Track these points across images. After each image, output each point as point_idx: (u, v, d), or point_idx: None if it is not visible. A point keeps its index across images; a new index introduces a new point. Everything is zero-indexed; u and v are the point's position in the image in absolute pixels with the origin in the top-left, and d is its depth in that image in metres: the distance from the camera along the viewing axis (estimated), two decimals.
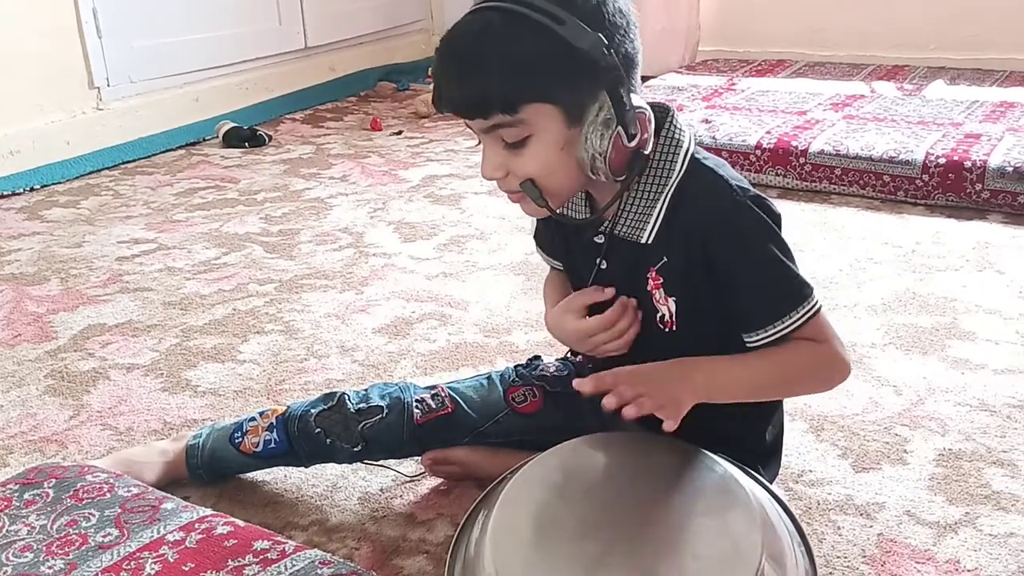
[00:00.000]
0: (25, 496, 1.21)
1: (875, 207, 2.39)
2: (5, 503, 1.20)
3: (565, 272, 1.22)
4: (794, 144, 2.54)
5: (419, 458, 1.30)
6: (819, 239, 2.19)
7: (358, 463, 1.31)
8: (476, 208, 2.49)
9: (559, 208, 1.06)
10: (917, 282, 1.93)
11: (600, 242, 1.09)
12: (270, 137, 3.24)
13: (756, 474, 1.06)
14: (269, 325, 1.84)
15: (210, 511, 1.18)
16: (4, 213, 2.57)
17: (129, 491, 1.21)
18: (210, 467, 1.31)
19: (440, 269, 2.09)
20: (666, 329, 1.07)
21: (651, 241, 1.04)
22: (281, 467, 1.34)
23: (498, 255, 2.15)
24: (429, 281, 2.03)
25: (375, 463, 1.32)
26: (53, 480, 1.23)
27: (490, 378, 1.30)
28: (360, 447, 1.23)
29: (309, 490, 1.32)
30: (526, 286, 1.97)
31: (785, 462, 1.27)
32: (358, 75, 3.96)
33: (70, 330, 1.84)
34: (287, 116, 3.57)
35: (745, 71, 3.60)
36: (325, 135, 3.33)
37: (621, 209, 1.05)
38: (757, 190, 1.05)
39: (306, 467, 1.33)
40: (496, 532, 0.93)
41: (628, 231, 1.05)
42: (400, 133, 3.31)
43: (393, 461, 1.33)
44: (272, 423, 1.27)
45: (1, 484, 1.25)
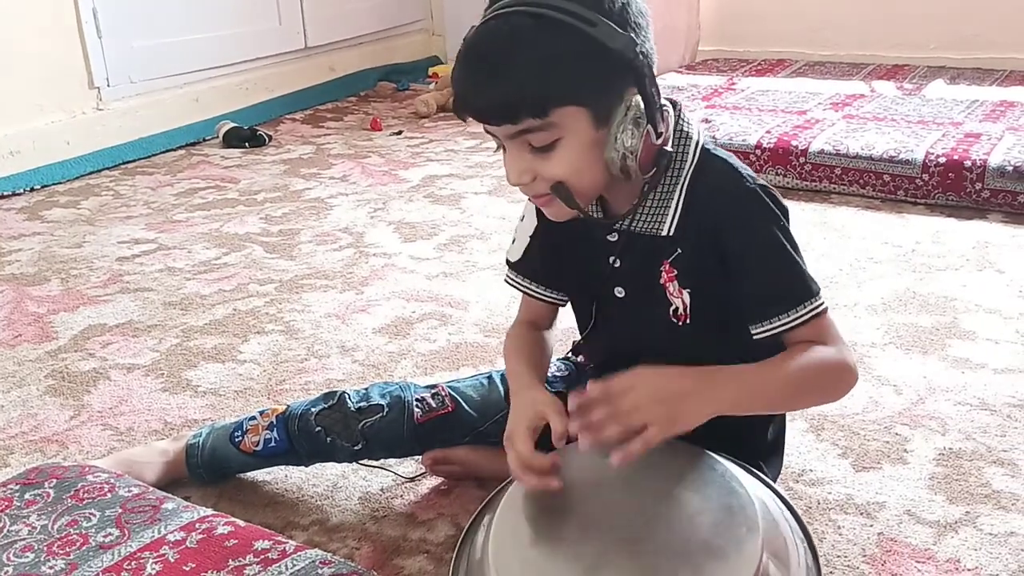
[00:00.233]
0: (26, 496, 1.21)
1: (875, 206, 2.39)
2: (6, 503, 1.20)
3: (544, 303, 1.20)
4: (794, 144, 2.54)
5: (419, 458, 1.30)
6: (819, 239, 2.19)
7: (357, 463, 1.31)
8: (476, 208, 2.49)
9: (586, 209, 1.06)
10: (917, 281, 1.93)
11: (614, 240, 1.09)
12: (270, 137, 3.24)
13: (758, 472, 1.05)
14: (269, 325, 1.84)
15: (211, 511, 1.18)
16: (4, 213, 2.57)
17: (130, 491, 1.21)
18: (210, 466, 1.31)
19: (440, 269, 2.09)
20: (679, 323, 1.07)
21: (672, 232, 1.04)
22: (281, 466, 1.34)
23: (498, 255, 2.15)
24: (429, 281, 2.03)
25: (373, 464, 1.32)
26: (54, 480, 1.24)
27: (490, 377, 1.31)
28: (360, 446, 1.23)
29: (310, 490, 1.32)
30: None
31: (785, 461, 1.26)
32: (358, 75, 3.96)
33: (70, 330, 1.85)
34: (287, 116, 3.57)
35: (745, 71, 3.60)
36: (325, 135, 3.33)
37: (638, 204, 1.05)
38: None
39: (306, 466, 1.33)
40: (498, 534, 0.94)
41: (646, 225, 1.05)
42: (400, 133, 3.31)
43: (392, 461, 1.33)
44: (272, 422, 1.27)
45: (2, 484, 1.25)
